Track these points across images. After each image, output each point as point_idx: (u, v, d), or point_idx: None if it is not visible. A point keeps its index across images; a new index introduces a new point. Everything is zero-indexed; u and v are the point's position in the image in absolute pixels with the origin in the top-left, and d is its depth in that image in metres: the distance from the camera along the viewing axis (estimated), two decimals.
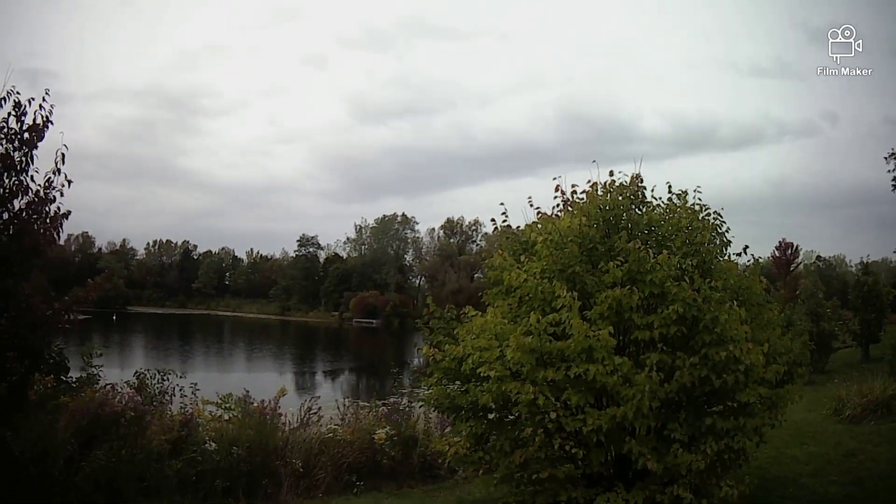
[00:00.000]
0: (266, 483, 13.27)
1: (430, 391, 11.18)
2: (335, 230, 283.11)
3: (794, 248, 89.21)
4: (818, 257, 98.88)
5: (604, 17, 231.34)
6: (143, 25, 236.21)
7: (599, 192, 10.96)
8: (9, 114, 10.23)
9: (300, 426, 14.49)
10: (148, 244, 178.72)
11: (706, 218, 11.20)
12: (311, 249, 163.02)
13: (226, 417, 14.00)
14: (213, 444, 13.19)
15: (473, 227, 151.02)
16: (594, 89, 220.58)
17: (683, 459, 9.49)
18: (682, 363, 9.65)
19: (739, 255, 11.56)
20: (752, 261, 11.70)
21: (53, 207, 10.75)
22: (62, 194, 10.63)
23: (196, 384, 14.54)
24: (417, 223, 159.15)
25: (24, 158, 10.19)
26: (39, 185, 10.52)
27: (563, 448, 9.77)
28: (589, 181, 11.13)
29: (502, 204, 11.98)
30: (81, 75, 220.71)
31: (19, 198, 10.28)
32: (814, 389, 20.65)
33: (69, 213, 10.82)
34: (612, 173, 11.08)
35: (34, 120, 10.39)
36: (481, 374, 9.97)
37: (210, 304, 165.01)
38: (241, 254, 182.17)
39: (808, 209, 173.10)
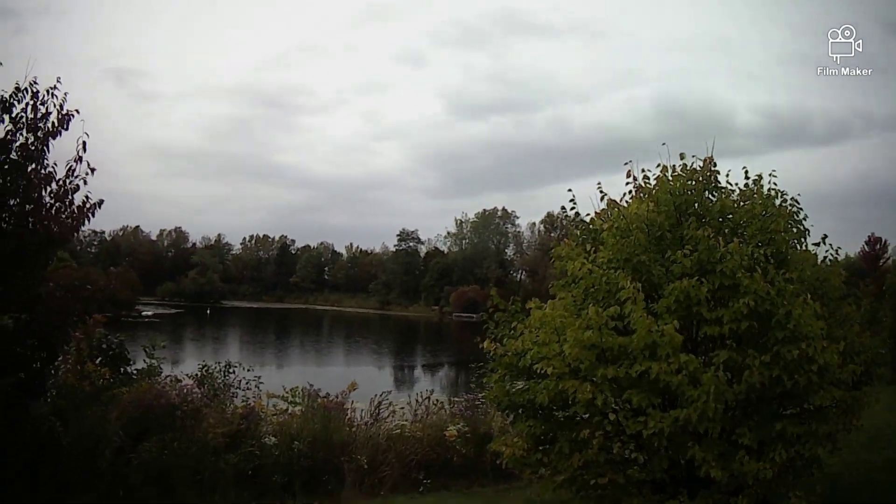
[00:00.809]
0: (328, 479, 12.89)
1: (492, 388, 10.50)
2: (435, 225, 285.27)
3: (882, 243, 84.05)
4: None
5: (695, 13, 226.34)
6: (237, 24, 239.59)
7: (670, 177, 10.10)
8: (27, 104, 10.02)
9: (370, 421, 14.09)
10: (244, 239, 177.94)
11: (782, 205, 10.23)
12: (410, 244, 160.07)
13: (290, 411, 13.77)
14: (273, 439, 12.90)
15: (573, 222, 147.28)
16: (688, 84, 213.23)
17: (750, 468, 8.61)
18: (753, 362, 8.77)
19: (818, 244, 10.59)
20: (830, 251, 10.69)
21: (80, 196, 10.45)
22: (85, 182, 10.33)
23: (259, 377, 14.32)
24: (518, 217, 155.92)
25: (40, 147, 9.97)
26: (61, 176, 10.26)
27: (623, 452, 9.12)
28: (659, 164, 10.31)
29: (570, 190, 11.22)
30: (174, 74, 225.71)
31: (36, 189, 10.06)
32: None
33: (100, 202, 10.48)
34: (682, 156, 10.22)
35: (48, 109, 10.16)
36: (539, 371, 9.33)
37: (308, 299, 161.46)
38: (341, 248, 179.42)
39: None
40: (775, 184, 10.36)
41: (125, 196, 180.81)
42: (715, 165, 10.26)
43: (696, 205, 10.09)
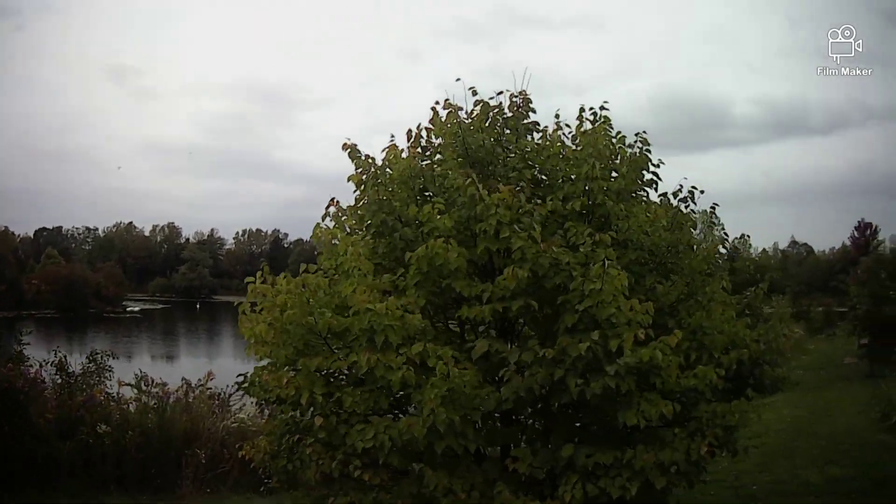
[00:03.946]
0: (165, 473, 10.04)
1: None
2: None
3: (873, 229, 74.50)
4: None
5: (695, 5, 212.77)
6: (236, 21, 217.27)
7: (464, 117, 6.56)
8: None
9: (212, 415, 10.94)
10: (237, 234, 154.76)
11: (619, 145, 6.64)
12: None
13: (143, 401, 10.82)
14: (105, 427, 10.08)
15: None
16: (687, 76, 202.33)
17: None
18: (527, 357, 5.36)
19: (676, 194, 6.85)
20: (686, 198, 6.86)
21: None
22: None
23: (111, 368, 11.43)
24: None
25: None
26: None
27: (351, 469, 5.74)
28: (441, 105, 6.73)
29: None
30: (173, 70, 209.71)
31: None
32: (871, 386, 14.50)
33: None
34: (474, 92, 6.60)
35: None
36: (258, 359, 6.16)
37: None
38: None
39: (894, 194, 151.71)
40: (606, 117, 6.72)
41: (123, 193, 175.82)
42: (530, 104, 6.70)
43: (503, 154, 6.54)
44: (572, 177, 6.22)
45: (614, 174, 6.38)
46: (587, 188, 6.07)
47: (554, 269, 5.49)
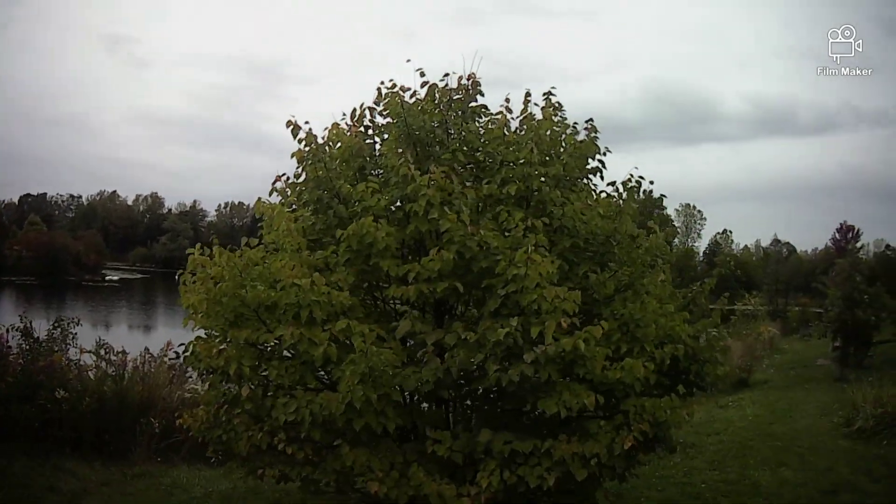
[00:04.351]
0: (120, 440, 10.08)
1: None
2: None
3: (854, 232, 73.79)
4: (887, 246, 76.84)
5: (689, 2, 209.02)
6: None
7: (409, 99, 6.43)
8: None
9: (169, 385, 10.95)
10: (219, 206, 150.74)
11: (565, 132, 6.51)
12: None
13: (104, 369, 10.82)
14: (63, 392, 10.07)
15: None
16: (679, 71, 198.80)
17: (430, 489, 5.15)
18: (450, 340, 5.31)
19: (625, 184, 6.67)
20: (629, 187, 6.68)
21: None
22: None
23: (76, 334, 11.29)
24: None
25: None
26: None
27: (276, 442, 5.70)
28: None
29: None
30: (167, 41, 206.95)
31: None
32: (839, 389, 14.12)
33: None
34: (422, 73, 6.45)
35: None
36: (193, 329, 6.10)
37: None
38: None
39: (884, 198, 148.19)
40: (555, 103, 6.59)
41: (112, 161, 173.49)
42: (478, 86, 6.57)
43: (445, 136, 6.41)
44: (511, 161, 6.10)
45: (555, 159, 6.23)
46: (524, 173, 5.96)
47: (484, 253, 5.41)
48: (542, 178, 5.98)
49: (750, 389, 16.66)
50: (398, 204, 5.95)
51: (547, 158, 6.14)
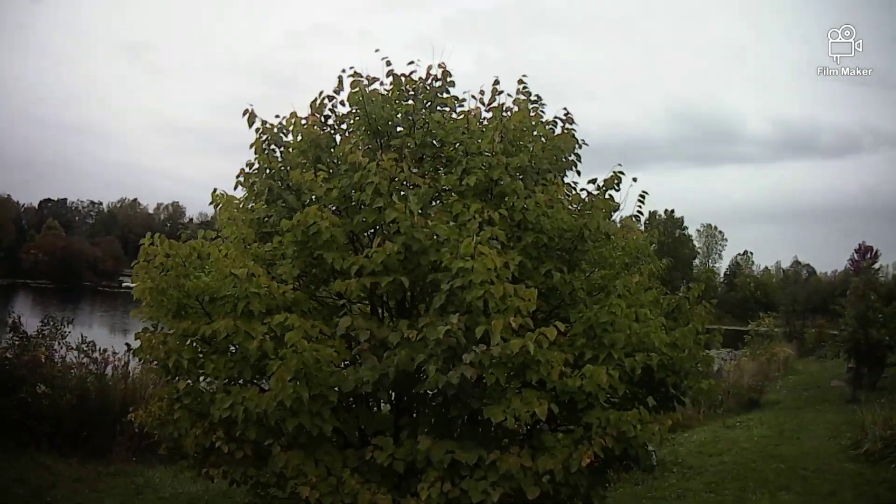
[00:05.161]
0: (99, 438, 9.94)
1: None
2: None
3: (873, 253, 72.10)
4: None
5: (712, 19, 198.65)
6: (253, 3, 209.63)
7: (377, 87, 6.03)
8: None
9: (153, 384, 10.57)
10: None
11: (536, 122, 6.08)
12: None
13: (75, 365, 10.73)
14: (43, 387, 9.92)
15: None
16: (701, 89, 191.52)
17: (363, 499, 4.77)
18: (399, 338, 4.91)
19: (608, 181, 6.17)
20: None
21: None
22: None
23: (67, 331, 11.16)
24: None
25: None
26: None
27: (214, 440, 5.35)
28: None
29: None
30: (188, 50, 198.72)
31: None
32: (850, 411, 13.11)
33: None
34: (388, 63, 6.09)
35: None
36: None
37: None
38: None
39: None
40: (529, 92, 6.20)
41: (133, 169, 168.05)
42: (449, 77, 6.18)
43: (408, 127, 6.03)
44: (473, 152, 5.68)
45: (521, 150, 5.78)
46: (486, 163, 5.54)
47: (435, 246, 5.00)
48: (506, 169, 5.52)
49: (760, 410, 15.97)
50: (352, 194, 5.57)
51: (513, 149, 5.69)
